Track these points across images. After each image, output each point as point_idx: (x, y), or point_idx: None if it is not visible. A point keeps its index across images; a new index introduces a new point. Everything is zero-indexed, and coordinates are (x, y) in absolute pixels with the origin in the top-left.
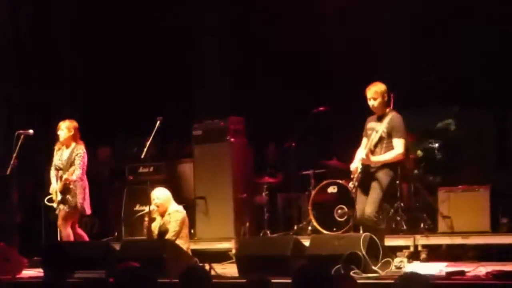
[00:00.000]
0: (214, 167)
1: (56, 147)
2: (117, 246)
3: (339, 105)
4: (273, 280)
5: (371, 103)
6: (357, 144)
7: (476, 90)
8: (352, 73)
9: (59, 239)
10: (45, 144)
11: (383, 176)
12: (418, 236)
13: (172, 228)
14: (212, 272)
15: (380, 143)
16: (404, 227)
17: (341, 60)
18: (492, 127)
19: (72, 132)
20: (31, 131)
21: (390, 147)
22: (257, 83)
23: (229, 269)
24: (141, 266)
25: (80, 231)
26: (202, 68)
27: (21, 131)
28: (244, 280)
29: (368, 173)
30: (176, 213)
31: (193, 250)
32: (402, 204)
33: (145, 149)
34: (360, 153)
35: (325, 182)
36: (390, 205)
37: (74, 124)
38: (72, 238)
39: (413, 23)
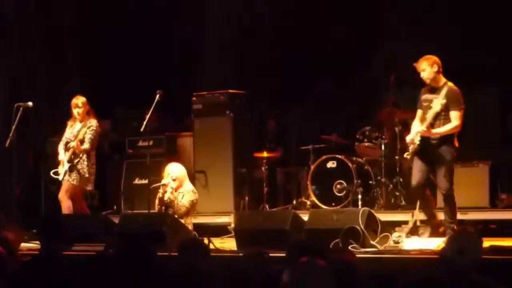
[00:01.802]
0: (214, 141)
1: (69, 123)
2: (116, 220)
3: (339, 80)
4: (271, 254)
5: (422, 75)
6: (356, 120)
7: (477, 66)
8: (353, 49)
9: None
10: (46, 116)
11: (447, 152)
12: (416, 211)
13: (184, 207)
14: (211, 246)
15: (439, 116)
16: (403, 202)
17: (342, 34)
18: (494, 103)
19: (86, 107)
20: (30, 103)
21: (448, 120)
22: (258, 58)
23: (227, 243)
24: (141, 239)
25: (84, 206)
26: (201, 41)
27: (20, 104)
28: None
29: (429, 145)
30: (191, 193)
31: (192, 225)
32: (401, 179)
33: (145, 122)
34: (416, 126)
35: (324, 157)
36: (389, 180)
37: (85, 99)
38: (72, 211)
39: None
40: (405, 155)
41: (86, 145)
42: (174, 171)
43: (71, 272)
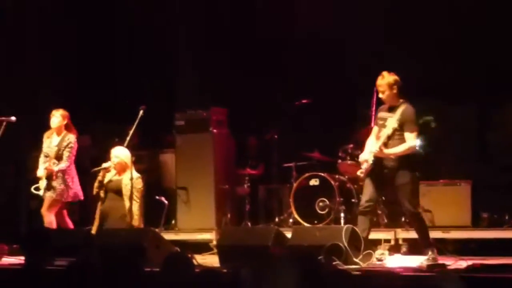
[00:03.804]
0: (196, 158)
1: (46, 135)
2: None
3: (321, 97)
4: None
5: (380, 95)
6: (338, 137)
7: (456, 84)
8: (335, 65)
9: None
10: (27, 131)
11: (403, 175)
12: (399, 230)
13: (136, 192)
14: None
15: (392, 135)
16: (385, 220)
17: (324, 50)
18: (473, 121)
19: (65, 121)
20: (13, 118)
21: (402, 140)
22: (239, 75)
23: (209, 260)
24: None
25: (68, 220)
26: (177, 58)
27: (2, 118)
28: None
29: (382, 167)
30: (138, 180)
31: (173, 241)
32: (383, 198)
33: (128, 138)
34: (371, 143)
35: (307, 174)
36: None
37: (67, 113)
38: (54, 225)
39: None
40: (358, 173)
41: (62, 165)
42: (116, 155)
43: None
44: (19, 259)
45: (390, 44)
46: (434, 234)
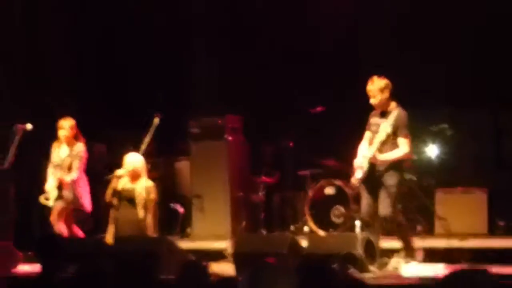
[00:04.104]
0: (211, 165)
1: (54, 145)
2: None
3: (337, 105)
4: None
5: (371, 101)
6: (355, 144)
7: (471, 89)
8: (349, 71)
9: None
10: (41, 139)
11: (391, 176)
12: (414, 238)
13: (151, 201)
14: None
15: (386, 141)
16: None
17: (338, 58)
18: (489, 127)
19: (74, 131)
20: (29, 125)
21: (396, 145)
22: (255, 82)
23: (224, 268)
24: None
25: (76, 229)
26: (193, 65)
27: (18, 125)
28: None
29: (375, 171)
30: (152, 188)
31: (188, 249)
32: (399, 206)
33: (143, 146)
34: (363, 148)
35: (322, 182)
36: None
37: (74, 122)
38: (65, 233)
39: (402, 21)
40: (352, 180)
41: (73, 175)
42: (131, 161)
43: None
44: (33, 267)
45: (404, 52)
46: (450, 242)
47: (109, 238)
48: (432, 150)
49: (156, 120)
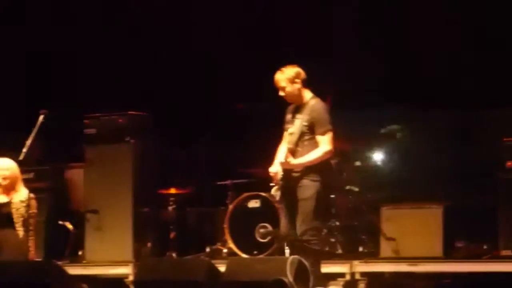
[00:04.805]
0: (110, 174)
1: None
2: None
3: (263, 103)
4: None
5: (281, 93)
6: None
7: (429, 87)
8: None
9: None
10: None
11: (308, 184)
12: (356, 262)
13: (32, 220)
14: None
15: (301, 140)
16: (340, 250)
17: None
18: (448, 131)
19: None
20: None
21: (314, 144)
22: (164, 74)
23: None
24: None
25: None
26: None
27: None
28: None
29: (291, 179)
30: (33, 201)
31: (82, 276)
32: (337, 223)
33: (25, 150)
34: (281, 152)
35: (245, 194)
36: (323, 223)
37: None
38: None
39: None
40: (272, 192)
41: None
42: (5, 168)
43: None
44: None
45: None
46: (399, 267)
47: None
48: (379, 156)
49: (41, 118)
